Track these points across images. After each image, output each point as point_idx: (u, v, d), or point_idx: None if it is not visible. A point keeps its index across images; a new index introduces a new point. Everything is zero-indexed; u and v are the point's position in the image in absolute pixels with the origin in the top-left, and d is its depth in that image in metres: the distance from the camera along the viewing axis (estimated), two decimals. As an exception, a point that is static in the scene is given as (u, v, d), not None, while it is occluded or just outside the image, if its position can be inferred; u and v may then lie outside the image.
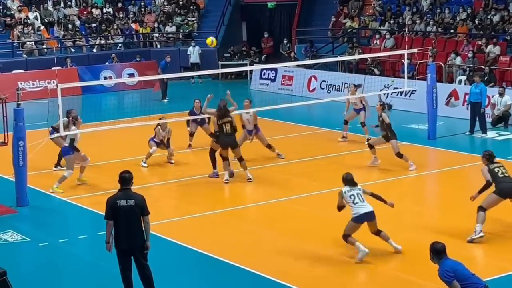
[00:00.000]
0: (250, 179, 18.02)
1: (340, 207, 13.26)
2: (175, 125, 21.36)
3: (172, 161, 20.23)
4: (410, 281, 12.21)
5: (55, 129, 18.74)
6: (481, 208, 13.96)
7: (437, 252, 9.77)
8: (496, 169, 14.07)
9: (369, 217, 13.01)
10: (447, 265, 9.61)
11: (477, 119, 22.81)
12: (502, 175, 14.02)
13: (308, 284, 12.19)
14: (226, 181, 17.93)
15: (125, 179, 11.15)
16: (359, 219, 13.00)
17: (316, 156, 20.55)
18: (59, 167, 19.72)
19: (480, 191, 14.13)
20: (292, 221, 15.40)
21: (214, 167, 18.67)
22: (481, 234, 13.87)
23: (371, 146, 19.29)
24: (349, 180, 13.17)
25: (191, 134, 21.70)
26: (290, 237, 14.44)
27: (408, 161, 18.86)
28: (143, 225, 11.07)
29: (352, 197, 13.01)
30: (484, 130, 22.75)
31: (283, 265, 13.00)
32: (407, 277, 12.35)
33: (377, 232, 13.22)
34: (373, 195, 13.35)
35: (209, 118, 20.59)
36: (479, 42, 28.97)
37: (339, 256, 13.40)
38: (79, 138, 18.03)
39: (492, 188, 13.97)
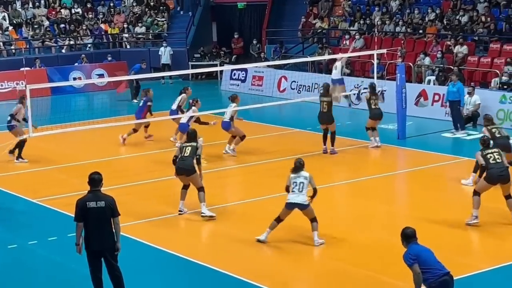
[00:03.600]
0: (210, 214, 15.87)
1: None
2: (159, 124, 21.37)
3: None
4: (382, 280, 12.26)
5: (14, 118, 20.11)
6: (475, 192, 14.50)
7: (406, 236, 9.95)
8: (489, 155, 14.49)
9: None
10: (412, 249, 9.79)
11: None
12: (493, 161, 14.41)
13: (277, 284, 12.21)
14: (180, 212, 15.85)
15: (95, 180, 11.10)
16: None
17: (287, 156, 20.55)
18: (20, 160, 19.98)
19: (480, 176, 14.77)
20: (264, 222, 15.37)
21: (326, 143, 20.39)
22: (476, 220, 14.40)
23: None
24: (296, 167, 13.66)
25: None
26: (261, 237, 14.44)
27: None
28: (113, 226, 11.02)
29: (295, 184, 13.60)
30: (462, 126, 22.99)
31: (255, 266, 13.02)
32: (379, 276, 12.40)
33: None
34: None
35: None
36: (448, 43, 29.18)
37: (311, 257, 13.45)
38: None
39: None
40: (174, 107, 21.89)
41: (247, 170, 19.67)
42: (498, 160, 14.45)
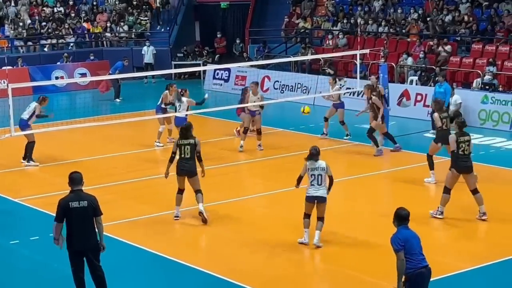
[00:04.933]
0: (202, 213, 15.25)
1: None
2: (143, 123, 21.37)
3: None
4: (364, 280, 12.28)
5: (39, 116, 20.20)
6: (446, 189, 14.92)
7: (400, 218, 9.84)
8: (461, 144, 14.77)
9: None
10: (402, 233, 9.70)
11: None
12: (462, 153, 14.79)
13: (262, 284, 12.20)
14: (176, 218, 15.42)
15: (74, 179, 11.02)
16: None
17: (270, 156, 20.59)
18: (32, 162, 20.21)
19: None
20: (246, 221, 15.41)
21: (377, 145, 20.54)
22: (441, 216, 14.75)
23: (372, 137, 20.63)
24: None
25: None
26: (244, 237, 14.44)
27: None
28: (96, 225, 10.98)
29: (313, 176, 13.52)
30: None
31: (237, 265, 13.01)
32: (362, 276, 12.42)
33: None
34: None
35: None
36: (430, 43, 29.29)
37: (293, 256, 13.45)
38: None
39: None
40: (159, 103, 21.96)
41: (229, 169, 19.65)
42: (466, 152, 14.80)
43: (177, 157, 15.22)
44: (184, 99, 20.62)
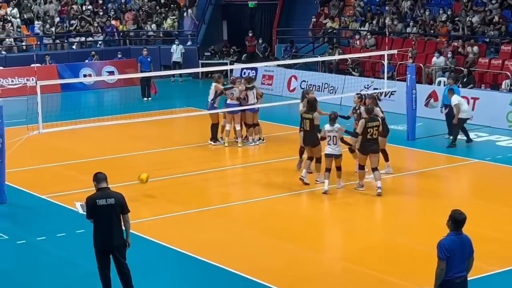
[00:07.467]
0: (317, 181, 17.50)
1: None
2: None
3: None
4: (386, 280, 12.24)
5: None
6: (360, 166, 16.80)
7: (455, 222, 9.42)
8: (369, 129, 16.30)
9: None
10: (450, 241, 9.35)
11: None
12: (370, 137, 16.30)
13: (287, 284, 12.20)
14: (301, 179, 17.49)
15: (98, 177, 11.07)
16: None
17: (296, 156, 20.52)
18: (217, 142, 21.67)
19: (355, 135, 17.08)
20: (272, 221, 15.41)
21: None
22: (362, 188, 16.77)
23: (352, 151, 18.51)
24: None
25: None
26: (270, 236, 14.44)
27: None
28: (123, 223, 11.03)
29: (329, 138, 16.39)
30: (451, 132, 22.40)
31: (262, 265, 13.01)
32: (383, 276, 12.38)
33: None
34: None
35: None
36: (455, 44, 29.09)
37: (318, 256, 13.46)
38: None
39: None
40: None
41: (256, 168, 19.63)
42: (374, 136, 16.34)
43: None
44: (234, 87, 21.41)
